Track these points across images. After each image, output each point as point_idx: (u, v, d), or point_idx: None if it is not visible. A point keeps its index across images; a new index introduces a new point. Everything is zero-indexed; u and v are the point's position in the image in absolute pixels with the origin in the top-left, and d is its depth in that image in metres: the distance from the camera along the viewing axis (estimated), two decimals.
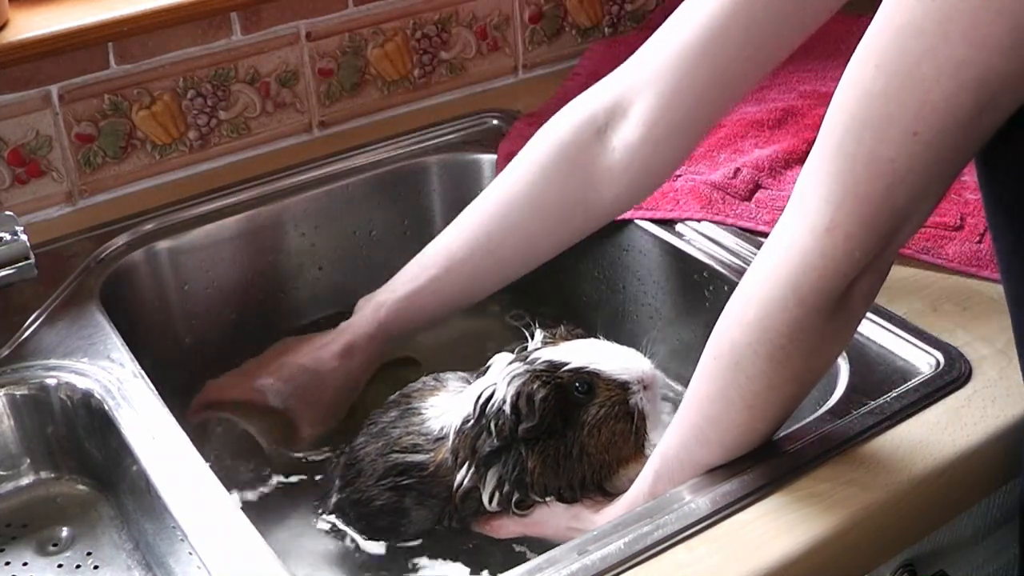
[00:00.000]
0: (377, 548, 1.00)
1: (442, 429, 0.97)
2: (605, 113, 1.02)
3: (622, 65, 1.02)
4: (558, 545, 0.81)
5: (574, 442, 0.92)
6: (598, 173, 1.03)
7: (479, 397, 0.94)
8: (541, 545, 0.93)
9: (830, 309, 0.76)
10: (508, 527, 0.96)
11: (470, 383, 0.99)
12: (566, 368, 0.93)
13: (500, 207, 1.07)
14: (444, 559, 0.98)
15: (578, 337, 0.98)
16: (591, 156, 1.03)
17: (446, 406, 0.99)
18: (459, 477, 0.95)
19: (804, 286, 0.75)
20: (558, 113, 1.07)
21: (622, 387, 0.93)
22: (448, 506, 0.96)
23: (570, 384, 0.92)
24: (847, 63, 0.72)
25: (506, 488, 0.93)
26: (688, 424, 0.85)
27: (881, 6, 0.69)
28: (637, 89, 1.00)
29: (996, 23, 0.63)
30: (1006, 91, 0.66)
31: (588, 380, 0.92)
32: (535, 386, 0.91)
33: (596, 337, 0.99)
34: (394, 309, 1.10)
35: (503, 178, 1.08)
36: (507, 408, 0.92)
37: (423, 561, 0.98)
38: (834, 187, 0.72)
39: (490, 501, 0.94)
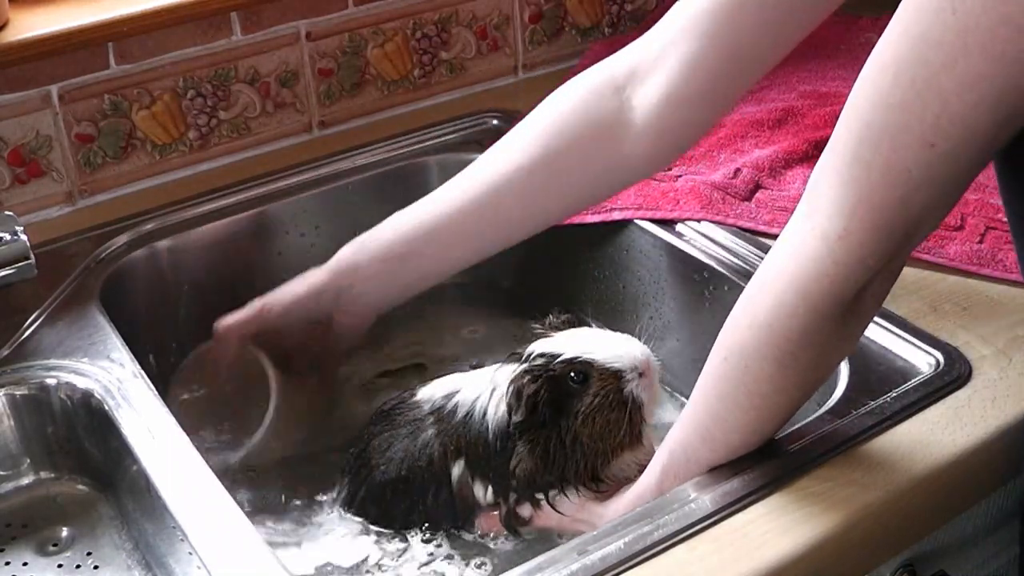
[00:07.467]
0: (381, 546, 1.00)
1: (431, 410, 0.98)
2: (625, 74, 0.98)
3: (638, 39, 0.99)
4: (562, 537, 0.80)
5: (567, 432, 0.92)
6: (617, 130, 0.98)
7: (474, 398, 0.95)
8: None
9: (840, 314, 0.75)
10: None
11: None
12: (559, 360, 0.93)
13: (509, 163, 1.02)
14: (445, 559, 0.98)
15: (569, 323, 0.98)
16: (610, 112, 0.98)
17: (435, 390, 1.00)
18: (454, 471, 0.95)
19: (815, 292, 0.74)
20: (572, 78, 1.02)
21: (616, 376, 0.92)
22: (447, 495, 0.97)
23: (564, 375, 0.92)
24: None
25: (498, 483, 0.94)
26: (694, 423, 0.85)
27: (897, 14, 0.68)
28: (657, 53, 0.96)
29: (1015, 39, 0.62)
30: None
31: (583, 370, 0.92)
32: (525, 380, 0.91)
33: (590, 325, 0.99)
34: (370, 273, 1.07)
35: (513, 134, 1.03)
36: (503, 406, 0.92)
37: (424, 560, 0.98)
38: (848, 194, 0.71)
39: (484, 494, 0.95)
